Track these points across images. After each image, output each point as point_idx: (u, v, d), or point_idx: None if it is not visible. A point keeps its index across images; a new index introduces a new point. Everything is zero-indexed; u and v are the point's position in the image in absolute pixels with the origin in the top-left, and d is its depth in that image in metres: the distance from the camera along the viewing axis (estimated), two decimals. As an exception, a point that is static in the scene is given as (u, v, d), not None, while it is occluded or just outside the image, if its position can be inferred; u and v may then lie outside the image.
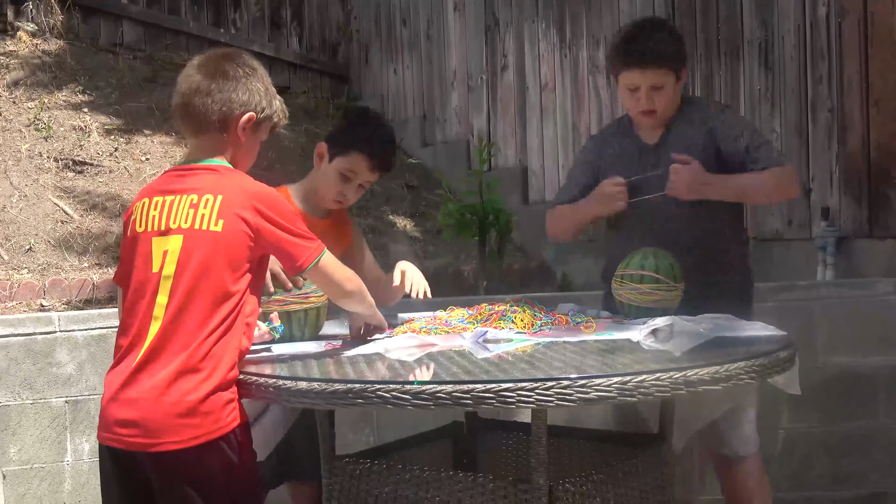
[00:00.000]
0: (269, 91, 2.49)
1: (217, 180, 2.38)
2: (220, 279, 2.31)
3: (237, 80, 2.42)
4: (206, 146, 2.44)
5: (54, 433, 3.87)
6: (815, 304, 4.13)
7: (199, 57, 2.48)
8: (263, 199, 2.37)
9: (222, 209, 2.33)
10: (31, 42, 7.26)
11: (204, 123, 2.41)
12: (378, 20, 8.11)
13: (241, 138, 2.44)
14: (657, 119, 3.09)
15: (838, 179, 4.73)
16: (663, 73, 3.01)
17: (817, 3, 4.81)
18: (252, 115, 2.43)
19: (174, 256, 2.32)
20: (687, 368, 2.14)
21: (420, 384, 2.08)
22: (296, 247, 2.37)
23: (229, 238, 2.32)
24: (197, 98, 2.40)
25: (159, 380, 2.27)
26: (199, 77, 2.41)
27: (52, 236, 5.60)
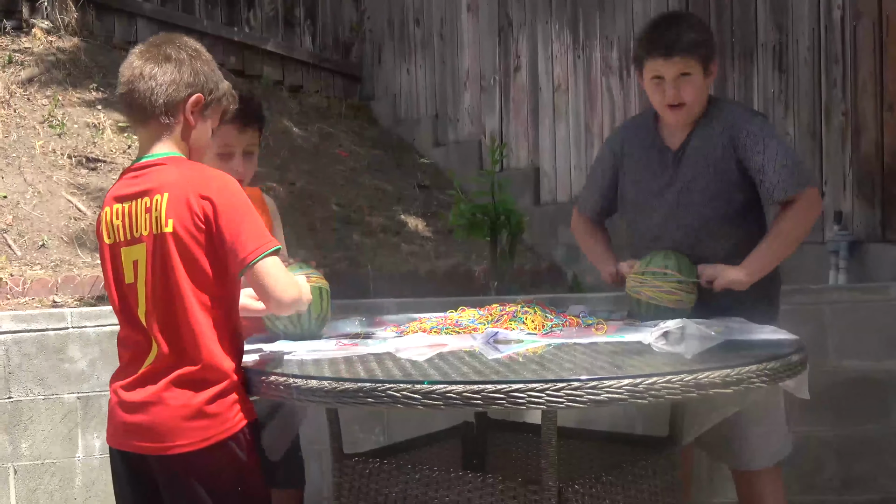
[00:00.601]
0: (214, 73, 2.40)
1: (164, 176, 2.29)
2: (192, 281, 2.26)
3: (181, 63, 2.33)
4: (154, 134, 2.35)
5: (66, 429, 3.88)
6: (827, 308, 4.12)
7: (140, 44, 2.40)
8: (209, 186, 2.27)
9: (169, 207, 2.26)
10: (45, 39, 7.28)
11: (150, 110, 2.32)
12: (391, 20, 8.11)
13: (190, 122, 2.35)
14: (685, 113, 2.96)
15: (851, 183, 4.72)
16: (690, 62, 2.89)
17: (832, 7, 4.79)
18: (199, 96, 2.34)
19: (143, 266, 2.29)
20: (698, 371, 2.13)
21: (430, 384, 2.08)
22: (239, 241, 2.25)
23: (183, 236, 2.25)
24: (141, 83, 2.30)
25: (162, 386, 2.28)
26: (140, 62, 2.33)
27: (65, 233, 5.62)
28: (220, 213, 2.25)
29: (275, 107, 7.56)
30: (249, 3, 8.21)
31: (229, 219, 2.26)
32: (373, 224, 6.51)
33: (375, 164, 7.33)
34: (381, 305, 4.08)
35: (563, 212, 6.33)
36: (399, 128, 7.96)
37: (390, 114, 8.07)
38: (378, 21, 8.27)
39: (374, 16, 8.33)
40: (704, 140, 3.00)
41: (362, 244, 6.14)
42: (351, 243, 6.16)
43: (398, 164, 7.44)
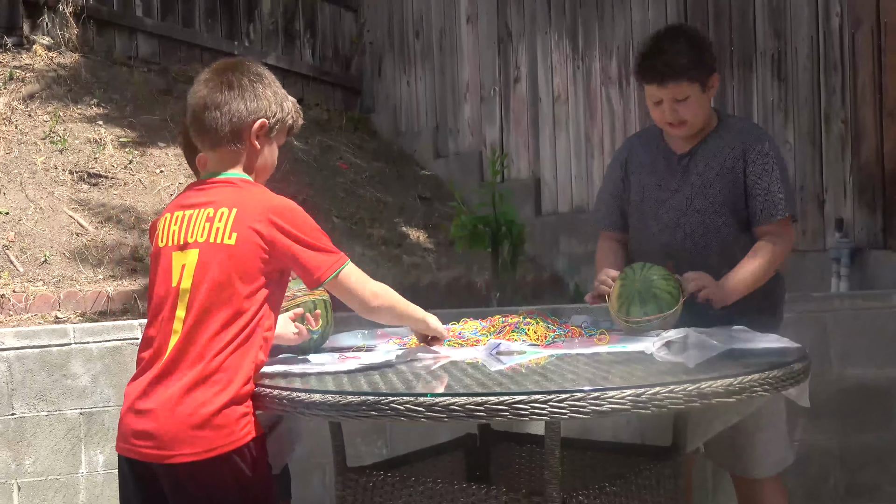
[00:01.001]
0: (277, 94, 2.48)
1: (233, 193, 2.38)
2: (234, 292, 2.32)
3: (244, 89, 2.41)
4: (223, 159, 2.44)
5: (69, 445, 3.88)
6: (829, 316, 4.12)
7: (205, 71, 2.48)
8: (279, 211, 2.36)
9: (236, 222, 2.33)
10: (46, 55, 7.30)
11: (217, 137, 2.41)
12: (391, 32, 8.13)
13: (257, 146, 2.44)
14: (687, 129, 3.01)
15: (852, 190, 4.72)
16: (683, 86, 2.94)
17: (830, 14, 4.80)
18: (264, 121, 2.43)
19: (191, 270, 2.34)
20: (701, 381, 2.13)
21: (433, 396, 2.08)
22: (311, 260, 2.36)
23: (243, 251, 2.32)
24: (207, 113, 2.40)
25: (174, 391, 2.29)
26: (205, 91, 2.41)
27: (67, 248, 5.63)
28: (289, 237, 2.34)
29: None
30: (249, 16, 8.24)
31: (299, 241, 2.35)
32: (374, 236, 6.51)
33: (376, 176, 7.34)
34: (384, 318, 4.07)
35: (564, 222, 6.34)
36: (400, 140, 7.97)
37: (391, 126, 8.09)
38: (378, 33, 8.30)
39: (374, 28, 8.35)
40: (716, 150, 3.02)
41: (364, 256, 6.15)
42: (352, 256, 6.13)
43: (399, 176, 7.45)
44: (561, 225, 6.36)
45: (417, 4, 7.80)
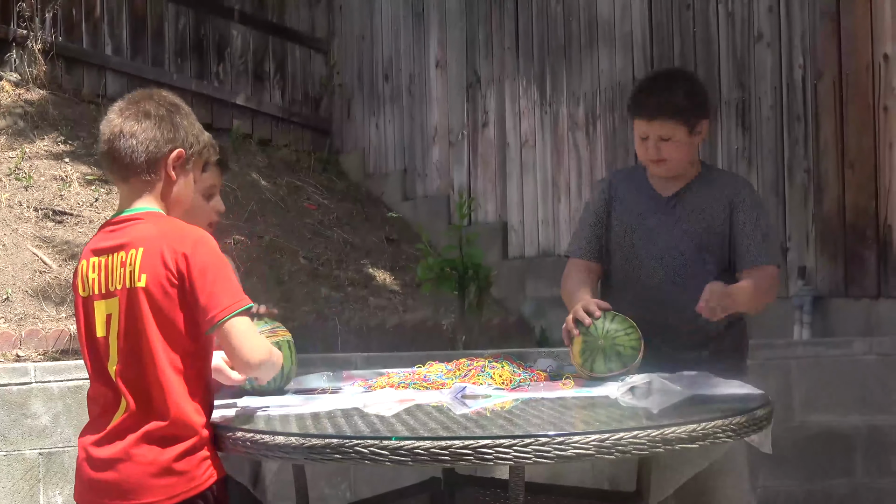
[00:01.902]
0: (194, 126, 2.40)
1: (141, 231, 2.29)
2: (164, 337, 2.25)
3: (160, 119, 2.33)
4: (135, 191, 2.35)
5: (27, 485, 3.82)
6: (792, 363, 4.15)
7: (119, 101, 2.40)
8: (184, 242, 2.26)
9: (143, 262, 2.25)
10: (13, 91, 7.27)
11: (132, 167, 2.32)
12: (361, 75, 8.18)
13: (172, 177, 2.35)
14: (667, 168, 3.03)
15: (815, 239, 4.78)
16: (671, 126, 2.97)
17: (794, 66, 4.89)
18: (181, 151, 2.34)
19: (115, 320, 2.27)
20: (664, 426, 2.14)
21: (398, 440, 2.07)
22: (211, 298, 2.23)
23: (155, 291, 2.24)
24: (121, 142, 2.31)
25: (132, 442, 2.25)
26: (120, 120, 2.33)
27: (30, 286, 5.57)
28: (193, 269, 2.24)
29: (244, 160, 7.58)
30: (219, 56, 8.26)
31: (203, 275, 2.24)
32: (341, 277, 6.50)
33: (344, 217, 7.35)
34: (349, 360, 4.07)
35: (531, 266, 6.36)
36: (368, 182, 7.99)
37: (359, 168, 8.11)
38: (348, 76, 8.34)
39: (344, 71, 8.39)
40: (700, 197, 3.05)
41: (330, 297, 6.13)
42: (319, 297, 6.15)
43: (367, 218, 7.46)
44: (527, 269, 6.39)
45: (387, 48, 7.85)
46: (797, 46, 4.87)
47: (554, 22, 6.30)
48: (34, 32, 7.36)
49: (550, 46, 6.33)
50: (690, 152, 3.05)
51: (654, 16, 5.61)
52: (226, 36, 8.28)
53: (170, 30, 8.07)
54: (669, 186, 3.08)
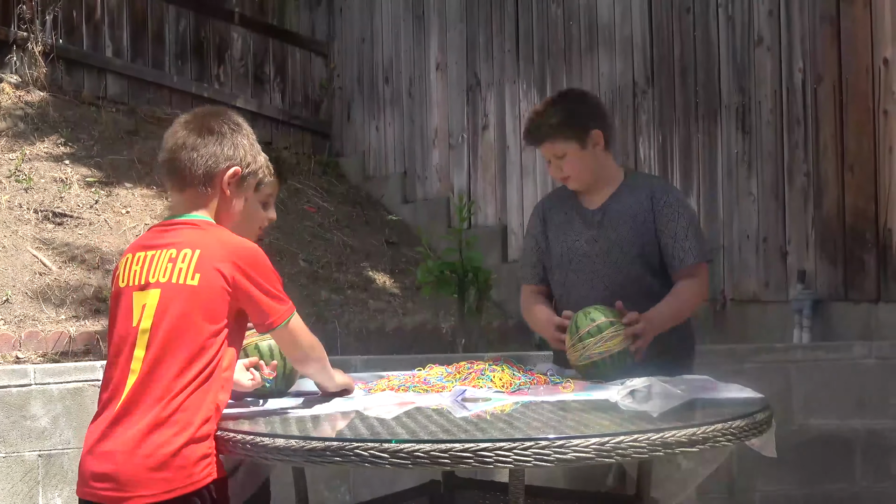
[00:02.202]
0: (253, 147, 2.52)
1: (197, 234, 2.39)
2: (195, 333, 2.32)
3: (223, 136, 2.45)
4: (190, 201, 2.45)
5: (26, 487, 3.82)
6: (791, 367, 4.15)
7: (186, 114, 2.52)
8: (242, 255, 2.38)
9: (200, 263, 2.34)
10: (14, 93, 7.28)
11: (189, 178, 2.43)
12: (361, 78, 8.18)
13: (226, 193, 2.46)
14: (576, 183, 3.18)
15: (814, 243, 4.78)
16: (560, 144, 3.12)
17: (793, 70, 4.89)
18: (237, 169, 2.45)
19: (151, 310, 2.34)
20: (664, 430, 2.14)
21: (398, 443, 2.07)
22: (268, 305, 2.38)
23: (206, 292, 2.33)
24: (183, 153, 2.43)
25: (134, 433, 2.27)
26: (184, 133, 2.45)
27: (30, 288, 5.57)
28: (249, 280, 2.36)
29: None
30: (219, 59, 8.26)
31: (259, 285, 2.37)
32: (340, 280, 6.50)
33: (344, 220, 7.35)
34: (349, 362, 4.07)
35: (530, 269, 6.36)
36: (368, 184, 7.99)
37: (359, 171, 8.11)
38: (348, 79, 8.34)
39: (344, 73, 8.39)
40: (626, 204, 3.16)
41: (330, 300, 6.13)
42: (318, 299, 6.15)
43: (367, 221, 7.46)
44: (527, 272, 6.38)
45: (388, 51, 7.86)
46: (797, 50, 4.87)
47: (554, 25, 6.30)
48: (34, 34, 7.37)
49: (551, 49, 6.33)
50: (592, 164, 3.17)
51: (655, 19, 5.62)
52: (226, 38, 8.29)
53: (170, 32, 8.07)
54: (595, 200, 3.21)
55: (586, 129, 3.13)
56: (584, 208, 3.21)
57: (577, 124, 3.13)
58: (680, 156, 5.47)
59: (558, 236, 3.23)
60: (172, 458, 2.25)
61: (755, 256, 5.06)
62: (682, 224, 3.10)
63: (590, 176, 3.17)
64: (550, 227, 3.26)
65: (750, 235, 5.09)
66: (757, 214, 5.05)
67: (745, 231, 5.11)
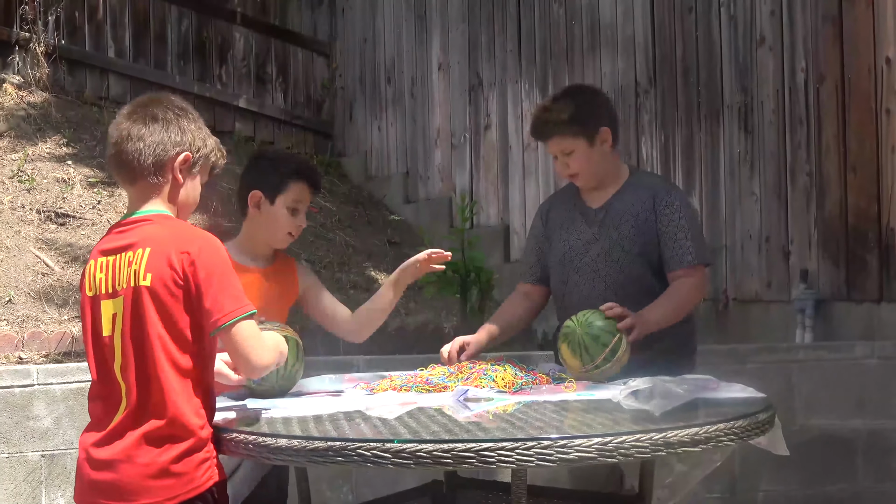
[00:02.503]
0: (202, 130, 2.43)
1: (150, 230, 2.32)
2: (167, 336, 2.26)
3: (168, 122, 2.37)
4: (143, 194, 2.37)
5: (29, 488, 3.82)
6: (793, 367, 4.15)
7: (127, 105, 2.44)
8: (194, 243, 2.29)
9: (150, 262, 2.27)
10: (16, 94, 7.28)
11: (139, 170, 2.35)
12: (363, 78, 8.18)
13: (180, 180, 2.38)
14: (582, 180, 3.16)
15: (817, 242, 4.78)
16: (569, 140, 3.10)
17: (796, 70, 4.89)
18: (188, 154, 2.37)
19: (119, 319, 2.29)
20: (666, 430, 2.14)
21: (400, 443, 2.07)
22: (215, 301, 2.26)
23: (160, 291, 2.26)
24: (129, 144, 2.34)
25: (131, 443, 2.26)
26: (128, 123, 2.36)
27: (33, 288, 5.58)
28: (199, 272, 2.26)
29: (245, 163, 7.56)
30: (221, 59, 8.27)
31: (208, 279, 2.26)
32: (343, 280, 6.51)
33: (346, 220, 7.35)
34: (351, 362, 4.07)
35: (532, 269, 6.36)
36: (370, 184, 7.99)
37: (361, 170, 8.11)
38: (350, 79, 8.34)
39: (346, 73, 8.40)
40: (629, 203, 3.15)
41: (332, 300, 6.13)
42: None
43: (369, 221, 7.46)
44: (529, 272, 6.38)
45: (390, 51, 7.86)
46: (799, 50, 4.87)
47: (556, 25, 6.30)
48: (37, 35, 7.37)
49: (553, 49, 6.33)
50: (599, 161, 3.15)
51: (657, 19, 5.62)
52: (228, 39, 8.29)
53: (172, 32, 8.08)
54: (598, 197, 3.20)
55: (596, 126, 3.12)
56: (587, 206, 3.20)
57: (587, 121, 3.12)
58: (682, 155, 5.47)
59: (560, 235, 3.22)
60: (171, 465, 2.24)
61: (757, 256, 5.06)
62: (682, 225, 3.09)
63: (596, 173, 3.16)
64: (552, 227, 3.26)
65: (752, 235, 5.09)
66: (759, 214, 5.05)
67: (748, 231, 5.11)
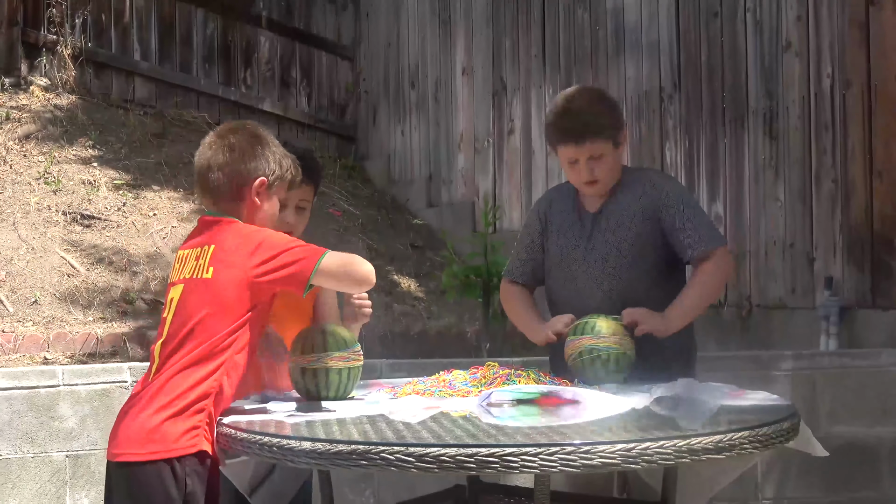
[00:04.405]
0: (276, 154, 2.65)
1: (216, 231, 2.58)
2: (208, 324, 2.48)
3: (244, 151, 2.61)
4: (224, 210, 2.63)
5: (54, 488, 3.85)
6: (818, 374, 4.13)
7: (209, 135, 2.68)
8: (256, 241, 2.52)
9: (214, 257, 2.52)
10: (43, 96, 7.34)
11: (220, 194, 2.61)
12: (386, 82, 8.20)
13: (257, 202, 2.62)
14: (600, 187, 3.06)
15: (842, 249, 4.75)
16: (601, 144, 2.99)
17: (822, 75, 4.87)
18: (263, 179, 2.61)
19: (174, 304, 2.55)
20: (690, 437, 2.13)
21: (423, 447, 2.08)
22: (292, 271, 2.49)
23: (220, 284, 2.49)
24: (211, 174, 2.60)
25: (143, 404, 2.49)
26: (209, 153, 2.62)
27: (58, 289, 5.62)
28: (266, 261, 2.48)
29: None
30: (246, 63, 8.30)
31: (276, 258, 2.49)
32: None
33: (369, 224, 7.36)
34: (374, 366, 4.08)
35: (555, 274, 6.35)
36: (393, 188, 8.00)
37: (384, 174, 8.12)
38: (373, 82, 8.36)
39: (370, 77, 8.42)
40: (623, 205, 3.07)
41: (355, 304, 6.14)
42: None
43: (391, 225, 7.47)
44: (552, 276, 6.37)
45: (413, 55, 7.87)
46: (825, 55, 4.85)
47: (580, 29, 6.30)
48: (64, 38, 7.43)
49: (577, 54, 6.32)
50: (619, 165, 3.09)
51: (682, 24, 5.60)
52: (253, 42, 8.33)
53: (198, 35, 8.12)
54: (596, 201, 3.11)
55: (620, 129, 3.05)
56: (585, 210, 3.11)
57: (618, 124, 3.05)
58: (706, 160, 5.45)
59: (558, 240, 3.14)
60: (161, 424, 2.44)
61: (782, 262, 5.04)
62: (688, 214, 3.01)
63: (614, 179, 3.08)
64: (550, 231, 3.17)
65: (777, 241, 5.06)
66: (784, 220, 5.03)
67: (772, 236, 5.09)
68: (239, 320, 2.50)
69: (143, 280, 5.89)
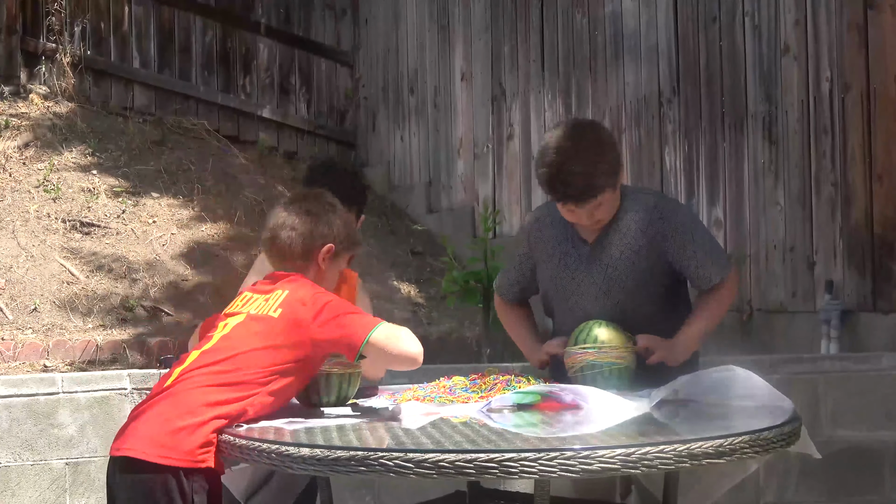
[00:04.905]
0: (347, 224, 2.79)
1: (289, 282, 2.66)
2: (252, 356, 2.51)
3: (318, 216, 2.73)
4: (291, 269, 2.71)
5: (53, 495, 3.84)
6: (819, 378, 4.12)
7: (285, 199, 2.83)
8: (322, 300, 2.58)
9: (285, 301, 2.58)
10: (42, 104, 7.35)
11: (289, 254, 2.72)
12: (386, 88, 8.20)
13: (322, 267, 2.73)
14: (603, 223, 2.95)
15: (842, 253, 4.75)
16: (601, 198, 2.84)
17: (821, 79, 4.86)
18: (331, 245, 2.72)
19: (227, 328, 2.60)
20: (691, 441, 2.13)
21: (423, 452, 2.07)
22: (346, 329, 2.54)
23: (282, 326, 2.53)
24: (283, 232, 2.72)
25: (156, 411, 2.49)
26: (285, 214, 2.74)
27: (58, 297, 5.61)
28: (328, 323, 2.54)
29: (269, 172, 7.61)
30: (245, 70, 8.31)
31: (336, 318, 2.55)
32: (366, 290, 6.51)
33: (369, 230, 7.36)
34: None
35: (555, 279, 6.35)
36: (393, 194, 8.00)
37: (384, 180, 8.12)
38: (372, 89, 8.37)
39: (369, 84, 8.42)
40: (623, 233, 2.96)
41: (355, 310, 6.14)
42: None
43: (391, 231, 7.47)
44: (552, 282, 6.37)
45: (412, 61, 7.88)
46: (824, 59, 4.85)
47: (579, 35, 6.30)
48: (63, 46, 7.44)
49: (576, 59, 6.32)
50: (618, 195, 2.94)
51: (680, 29, 5.60)
52: (252, 49, 8.33)
53: (197, 43, 8.13)
54: (592, 231, 2.98)
55: (620, 171, 2.89)
56: (581, 239, 3.00)
57: (616, 171, 2.86)
58: (706, 165, 5.45)
59: (549, 270, 3.05)
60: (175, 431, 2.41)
61: (782, 266, 5.03)
62: (698, 242, 2.93)
63: (615, 209, 2.95)
64: (541, 256, 3.08)
65: (777, 245, 5.06)
66: (784, 223, 5.02)
67: (772, 240, 5.08)
68: (284, 364, 2.52)
69: (143, 287, 5.88)
